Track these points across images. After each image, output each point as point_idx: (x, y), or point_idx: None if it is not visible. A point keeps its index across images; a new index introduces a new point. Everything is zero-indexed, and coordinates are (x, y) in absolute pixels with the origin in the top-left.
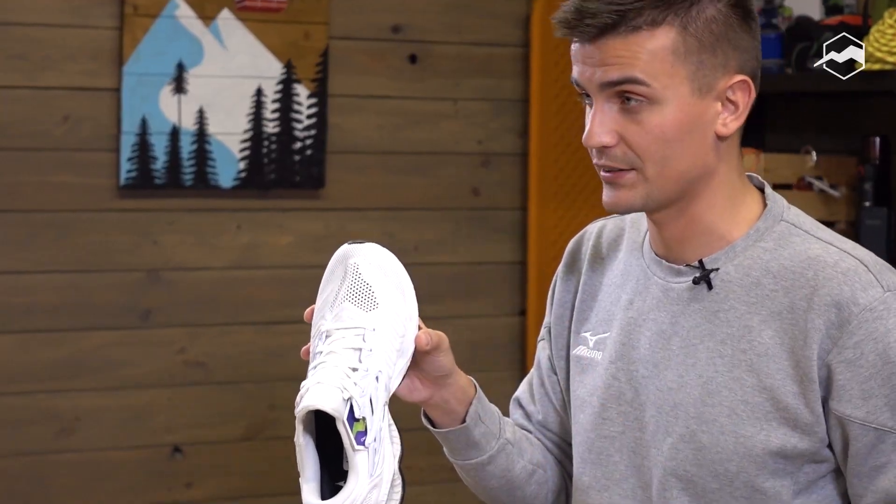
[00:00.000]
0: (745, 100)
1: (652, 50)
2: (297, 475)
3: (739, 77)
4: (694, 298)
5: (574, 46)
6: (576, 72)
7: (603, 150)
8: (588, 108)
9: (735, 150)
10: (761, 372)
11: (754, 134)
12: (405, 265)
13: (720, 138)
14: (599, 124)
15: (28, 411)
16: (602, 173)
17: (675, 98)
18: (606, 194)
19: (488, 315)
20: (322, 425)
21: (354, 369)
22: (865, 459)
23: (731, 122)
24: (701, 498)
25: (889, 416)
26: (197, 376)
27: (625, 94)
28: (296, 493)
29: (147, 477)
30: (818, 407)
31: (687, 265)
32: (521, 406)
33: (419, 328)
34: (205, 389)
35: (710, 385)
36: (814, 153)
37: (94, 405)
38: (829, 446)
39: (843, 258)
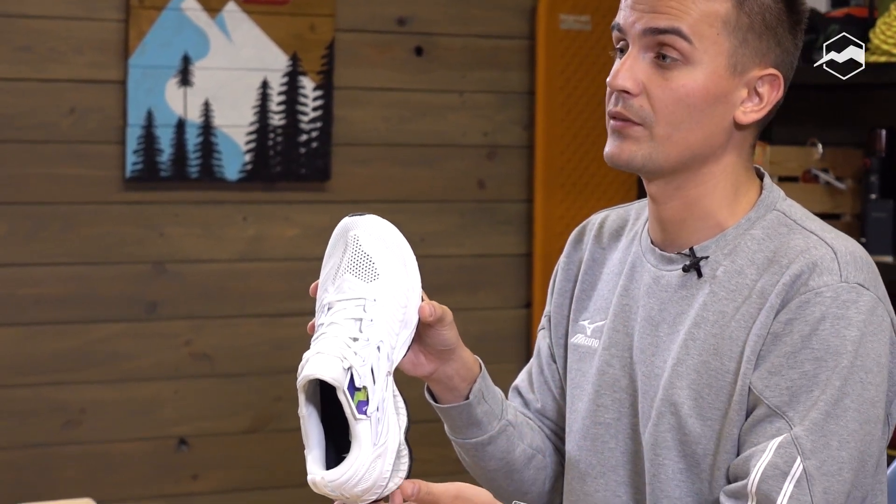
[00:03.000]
0: (770, 95)
1: (705, 11)
2: (304, 467)
3: (772, 70)
4: (682, 285)
5: None
6: (620, 17)
7: (622, 96)
8: (617, 60)
9: (747, 146)
10: (726, 356)
11: (759, 121)
12: None
13: (737, 126)
14: (628, 69)
15: (34, 403)
16: (611, 122)
17: (709, 65)
18: (609, 145)
19: (494, 307)
20: (328, 399)
21: (355, 339)
22: (748, 433)
23: (751, 112)
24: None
25: (786, 400)
26: (203, 368)
27: (663, 47)
28: (302, 485)
29: (153, 469)
30: None
31: (678, 253)
32: (520, 394)
33: (422, 300)
34: (211, 382)
35: (679, 367)
36: (820, 145)
37: (99, 397)
38: None
39: (817, 245)
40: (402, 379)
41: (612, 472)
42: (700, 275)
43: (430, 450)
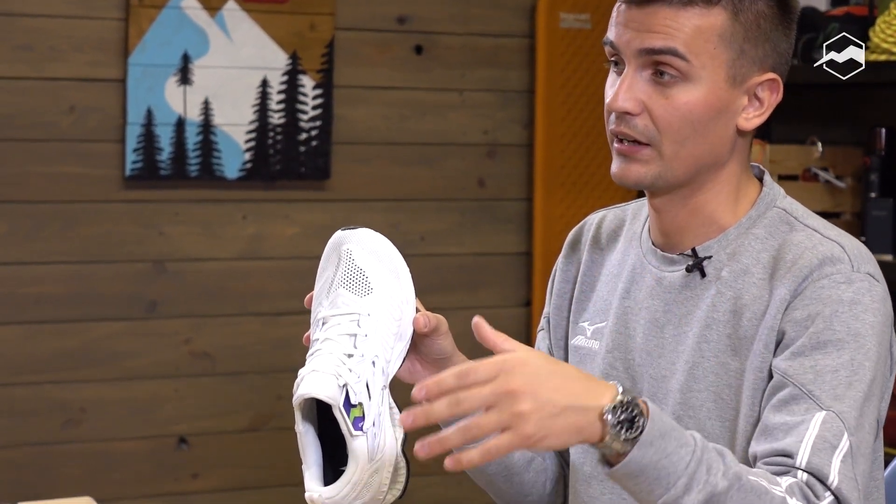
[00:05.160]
0: (770, 99)
1: (700, 27)
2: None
3: (771, 75)
4: (686, 286)
5: (618, 8)
6: (613, 34)
7: (624, 117)
8: (612, 73)
9: (747, 148)
10: (743, 354)
11: (760, 125)
12: (411, 256)
13: (739, 132)
14: (627, 89)
15: (34, 402)
16: (616, 144)
17: (709, 80)
18: (617, 165)
19: (494, 306)
20: (324, 412)
21: (350, 355)
22: (776, 413)
23: (753, 118)
24: None
25: (811, 378)
26: (203, 367)
27: (660, 66)
28: (302, 483)
29: (153, 468)
30: None
31: (681, 254)
32: None
33: (417, 311)
34: (211, 380)
35: (695, 371)
36: (819, 144)
37: (100, 396)
38: None
39: (823, 242)
40: (396, 381)
41: None
42: (703, 275)
43: None
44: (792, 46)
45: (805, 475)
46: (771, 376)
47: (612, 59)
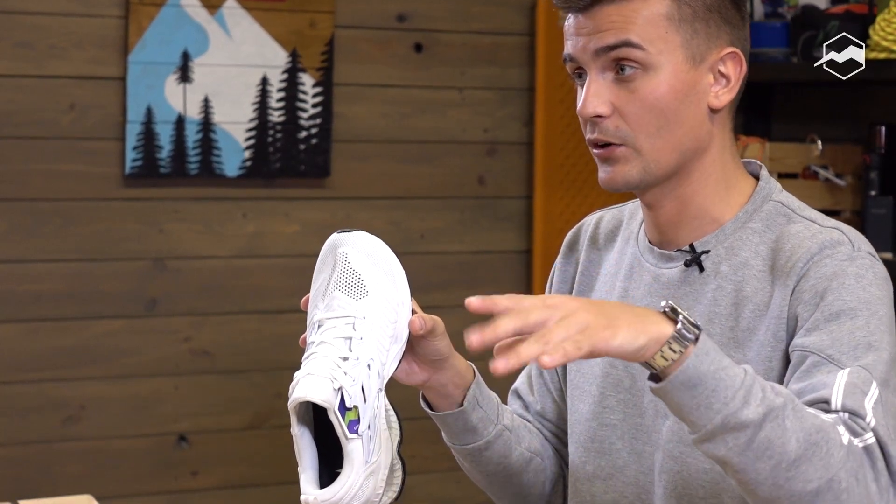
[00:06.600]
0: (736, 73)
1: (646, 15)
2: None
3: (730, 49)
4: (685, 282)
5: (567, 22)
6: (569, 46)
7: (596, 121)
8: (578, 87)
9: (727, 131)
10: (747, 347)
11: (760, 123)
12: (411, 254)
13: (713, 111)
14: (594, 94)
15: (34, 399)
16: (594, 150)
17: (668, 64)
18: (602, 171)
19: None
20: (320, 415)
21: (345, 358)
22: (801, 381)
23: (723, 94)
24: (687, 481)
25: (829, 343)
26: (203, 365)
27: (619, 62)
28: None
29: (153, 465)
30: None
31: (678, 250)
32: (519, 397)
33: (413, 312)
34: (210, 378)
35: None
36: (819, 142)
37: (99, 393)
38: None
39: (822, 231)
40: (393, 382)
41: (619, 473)
42: (702, 269)
43: (429, 447)
44: (746, 20)
45: (845, 414)
46: (785, 363)
47: (576, 72)
